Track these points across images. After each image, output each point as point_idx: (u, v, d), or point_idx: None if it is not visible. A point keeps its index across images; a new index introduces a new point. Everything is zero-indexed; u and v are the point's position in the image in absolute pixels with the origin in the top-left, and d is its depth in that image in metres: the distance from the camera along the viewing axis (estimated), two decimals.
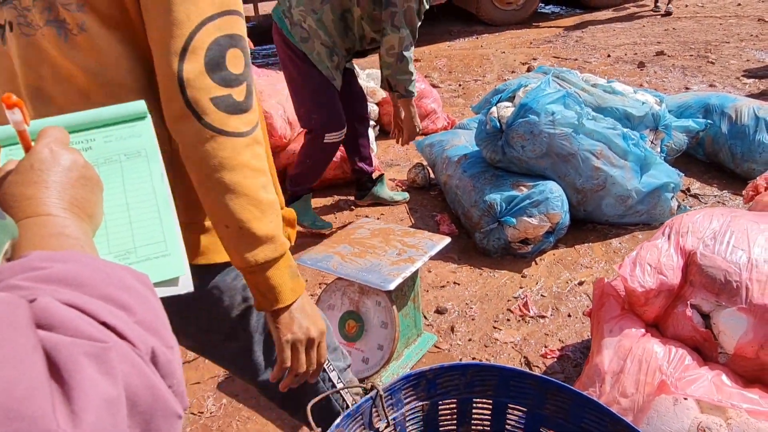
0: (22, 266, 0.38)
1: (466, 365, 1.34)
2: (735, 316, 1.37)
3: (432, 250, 1.92)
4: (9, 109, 0.54)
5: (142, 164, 0.68)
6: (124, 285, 0.42)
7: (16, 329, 0.31)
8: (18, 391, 0.28)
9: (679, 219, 1.57)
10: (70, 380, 0.31)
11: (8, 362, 0.29)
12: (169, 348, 0.41)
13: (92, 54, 0.81)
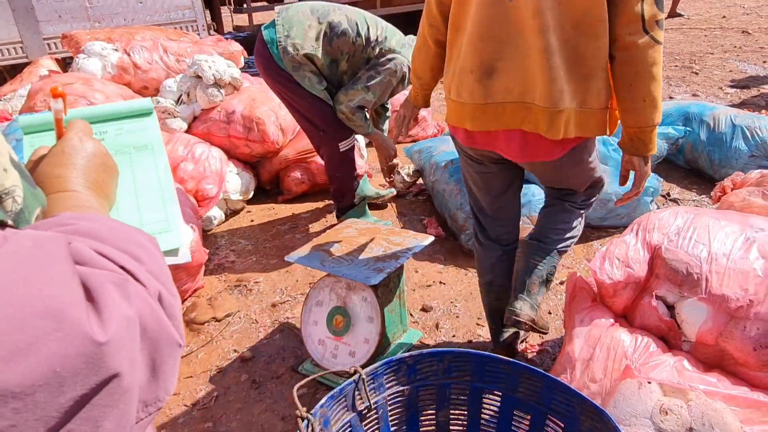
0: (55, 222, 0.48)
1: (443, 351, 1.42)
2: (696, 305, 1.46)
3: (416, 247, 2.01)
4: (54, 98, 0.65)
5: (148, 157, 0.80)
6: (137, 242, 0.51)
7: (60, 258, 0.40)
8: (63, 301, 0.37)
9: (646, 217, 1.66)
10: (99, 299, 0.40)
11: (55, 280, 0.38)
12: (172, 295, 0.50)
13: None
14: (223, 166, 3.20)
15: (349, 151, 2.79)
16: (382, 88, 2.60)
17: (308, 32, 2.55)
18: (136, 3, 5.63)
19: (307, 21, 2.56)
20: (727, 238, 1.51)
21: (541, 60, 1.34)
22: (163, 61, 3.67)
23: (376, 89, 2.59)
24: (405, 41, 2.70)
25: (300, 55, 2.53)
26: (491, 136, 1.50)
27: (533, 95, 1.39)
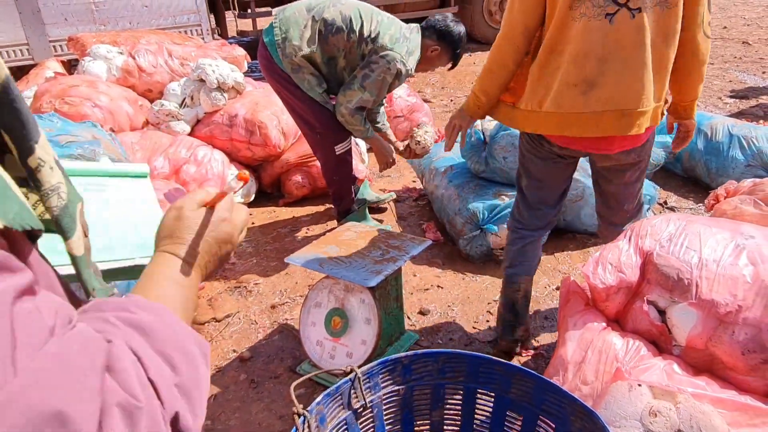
0: (121, 306, 0.50)
1: (438, 352, 1.45)
2: (686, 310, 1.49)
3: (414, 250, 2.04)
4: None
5: (147, 208, 0.98)
6: (184, 349, 0.51)
7: (94, 370, 0.41)
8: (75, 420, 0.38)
9: (639, 223, 1.69)
10: (103, 423, 0.41)
11: (76, 397, 0.39)
12: (194, 415, 0.49)
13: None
14: (224, 169, 3.24)
15: (346, 154, 2.82)
16: (377, 86, 2.58)
17: (304, 33, 2.55)
18: (141, 7, 5.68)
19: (303, 21, 2.56)
20: (717, 244, 1.54)
21: (639, 72, 1.60)
22: (167, 64, 3.71)
23: (372, 88, 2.57)
24: (399, 35, 2.61)
25: (298, 57, 2.55)
26: (589, 139, 1.72)
27: (628, 102, 1.63)
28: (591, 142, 1.74)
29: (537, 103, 1.72)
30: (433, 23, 2.72)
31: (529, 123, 1.78)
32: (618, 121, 1.66)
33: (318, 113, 2.69)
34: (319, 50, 2.56)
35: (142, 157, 3.03)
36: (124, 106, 3.32)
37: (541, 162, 1.90)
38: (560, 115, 1.69)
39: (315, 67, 2.61)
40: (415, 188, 3.63)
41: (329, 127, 2.72)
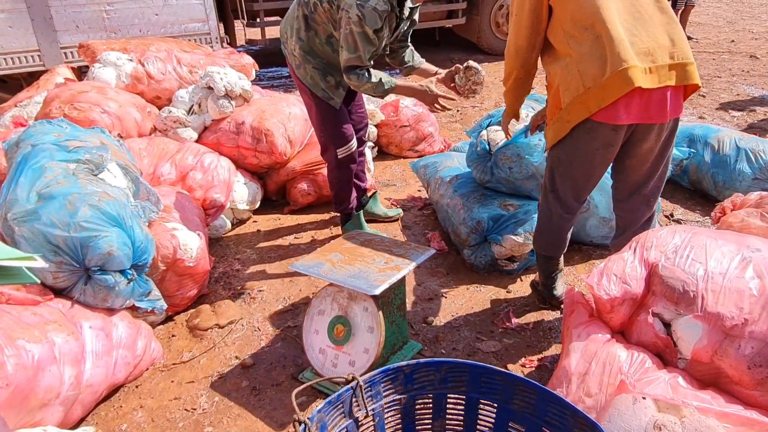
0: None
1: (440, 362, 1.44)
2: (691, 323, 1.48)
3: (417, 259, 2.04)
4: None
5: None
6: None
7: None
8: None
9: (645, 234, 1.69)
10: None
11: None
12: None
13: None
14: (231, 176, 3.25)
15: (346, 159, 2.82)
16: (349, 41, 2.39)
17: (295, 25, 2.57)
18: (152, 15, 5.74)
19: (293, 15, 2.59)
20: (723, 257, 1.53)
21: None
22: (176, 71, 3.74)
23: (347, 44, 2.40)
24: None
25: (297, 51, 2.58)
26: (649, 104, 1.80)
27: (680, 54, 1.79)
28: (649, 111, 1.82)
29: (595, 76, 1.79)
30: None
31: (594, 99, 1.81)
32: (680, 72, 1.79)
33: (323, 115, 2.70)
34: (314, 33, 2.55)
35: (149, 162, 3.05)
36: (133, 112, 3.34)
37: (593, 154, 1.95)
38: (623, 72, 1.74)
39: (321, 56, 2.59)
40: (420, 197, 3.63)
41: (332, 130, 2.74)
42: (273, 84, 6.76)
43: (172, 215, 2.54)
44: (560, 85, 1.90)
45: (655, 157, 1.98)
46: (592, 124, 1.86)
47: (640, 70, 1.74)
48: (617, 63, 1.74)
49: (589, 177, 2.05)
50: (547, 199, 2.20)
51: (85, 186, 2.08)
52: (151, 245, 2.19)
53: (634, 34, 1.79)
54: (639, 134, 1.91)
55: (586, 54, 1.82)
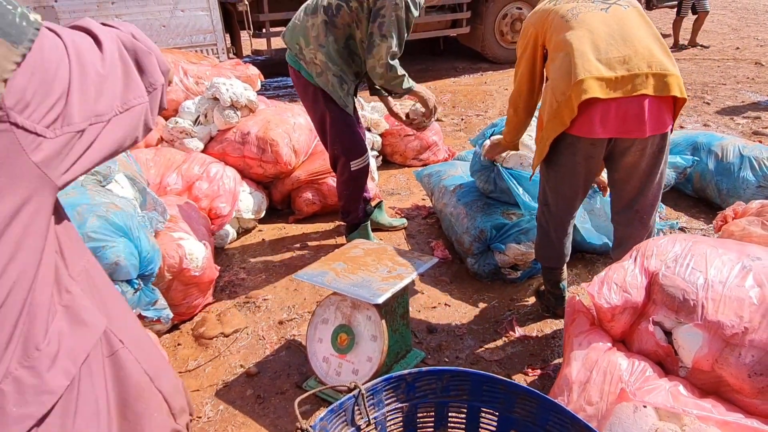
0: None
1: (442, 370, 1.46)
2: (692, 331, 1.48)
3: (420, 268, 2.05)
4: None
5: None
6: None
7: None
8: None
9: (645, 243, 1.70)
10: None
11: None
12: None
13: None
14: (236, 186, 3.29)
15: (361, 171, 2.85)
16: (396, 27, 2.52)
17: (312, 33, 2.58)
18: (159, 26, 5.81)
19: (307, 25, 2.60)
20: (723, 266, 1.54)
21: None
22: (182, 83, 3.79)
23: (392, 31, 2.51)
24: None
25: (318, 58, 2.59)
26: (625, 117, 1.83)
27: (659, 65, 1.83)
28: (627, 125, 1.84)
29: (578, 95, 1.82)
30: None
31: (566, 112, 1.85)
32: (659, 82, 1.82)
33: (340, 125, 2.72)
34: (333, 38, 2.59)
35: (155, 173, 3.09)
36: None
37: (575, 167, 1.99)
38: (578, 84, 1.80)
39: (338, 63, 2.62)
40: (425, 206, 3.65)
41: (349, 141, 2.76)
42: (278, 94, 6.81)
43: (179, 225, 2.57)
44: (541, 110, 1.97)
45: (642, 173, 1.98)
46: (571, 138, 1.90)
47: (597, 81, 1.79)
48: (576, 75, 1.81)
49: (575, 190, 2.09)
50: (542, 212, 2.24)
51: (93, 197, 2.11)
52: (158, 255, 2.22)
53: (610, 44, 1.84)
54: (620, 148, 1.93)
55: (557, 71, 1.89)
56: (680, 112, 1.91)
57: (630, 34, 1.89)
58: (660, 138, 1.91)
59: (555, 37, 1.96)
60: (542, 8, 2.09)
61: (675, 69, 1.86)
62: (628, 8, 1.97)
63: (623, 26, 1.90)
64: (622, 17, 1.93)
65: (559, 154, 1.99)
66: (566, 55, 1.88)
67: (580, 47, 1.86)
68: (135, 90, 0.82)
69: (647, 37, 1.90)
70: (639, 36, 1.89)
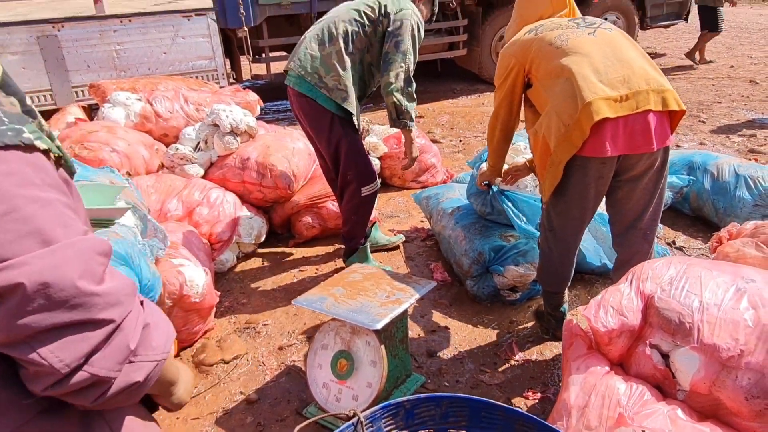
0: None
1: (440, 396, 1.46)
2: (688, 354, 1.49)
3: (419, 292, 2.07)
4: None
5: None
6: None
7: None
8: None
9: (640, 266, 1.71)
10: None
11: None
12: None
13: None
14: (236, 211, 3.31)
15: (370, 196, 2.87)
16: (413, 45, 2.65)
17: (331, 62, 2.64)
18: (160, 53, 5.90)
19: (322, 53, 2.65)
20: (718, 288, 1.55)
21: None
22: (183, 110, 3.84)
23: (409, 49, 2.63)
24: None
25: (344, 84, 2.65)
26: (633, 133, 1.88)
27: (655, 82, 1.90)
28: (635, 140, 1.89)
29: (570, 114, 1.88)
30: None
31: (576, 134, 1.88)
32: (658, 98, 1.88)
33: (355, 150, 2.77)
34: (350, 63, 2.67)
35: (156, 199, 3.12)
36: (141, 150, 3.43)
37: (587, 189, 2.01)
38: (587, 107, 1.84)
39: (353, 84, 2.70)
40: (424, 228, 3.67)
41: (363, 166, 2.81)
42: (278, 117, 6.88)
43: (179, 251, 2.59)
44: (545, 134, 1.98)
45: (647, 189, 2.03)
46: (582, 160, 1.91)
47: (605, 101, 1.84)
48: (583, 98, 1.85)
49: (585, 212, 2.10)
50: (546, 237, 2.24)
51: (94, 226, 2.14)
52: (158, 282, 2.23)
53: (608, 65, 1.91)
54: (627, 164, 1.97)
55: (559, 96, 1.93)
56: (677, 131, 1.96)
57: (622, 54, 1.96)
58: (663, 151, 1.98)
59: (546, 64, 2.01)
60: (522, 39, 2.16)
61: (669, 84, 1.94)
62: (612, 31, 2.06)
63: (614, 48, 1.98)
64: (611, 40, 2.01)
65: (568, 177, 2.00)
66: (567, 80, 1.92)
67: (581, 71, 1.90)
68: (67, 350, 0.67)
69: (638, 57, 1.98)
70: (631, 56, 1.96)
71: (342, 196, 2.95)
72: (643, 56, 2.00)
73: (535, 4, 2.29)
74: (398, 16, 2.64)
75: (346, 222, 2.99)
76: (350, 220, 2.96)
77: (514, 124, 2.33)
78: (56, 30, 5.37)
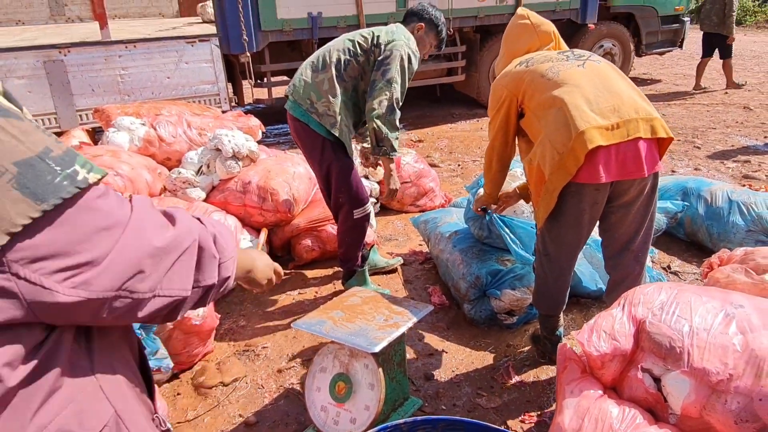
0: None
1: (437, 419, 1.49)
2: (679, 378, 1.52)
3: (416, 316, 2.10)
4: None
5: None
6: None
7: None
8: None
9: (632, 291, 1.75)
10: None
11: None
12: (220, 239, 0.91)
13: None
14: (237, 234, 3.36)
15: (363, 219, 2.93)
16: (400, 75, 2.70)
17: (323, 88, 2.73)
18: (164, 78, 6.01)
19: (317, 81, 2.74)
20: (708, 313, 1.59)
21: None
22: (186, 134, 3.91)
23: (396, 78, 2.68)
24: (391, 29, 2.82)
25: (332, 110, 2.72)
26: (625, 160, 1.96)
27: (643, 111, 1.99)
28: (627, 167, 1.96)
29: (564, 142, 1.95)
30: (409, 10, 3.00)
31: (570, 161, 1.95)
32: (647, 126, 1.96)
33: (345, 173, 2.83)
34: (342, 90, 2.75)
35: None
36: (144, 174, 3.49)
37: (581, 215, 2.08)
38: (581, 136, 1.92)
39: (345, 110, 2.77)
40: (422, 251, 3.71)
41: (355, 189, 2.87)
42: (279, 141, 6.97)
43: None
44: (539, 163, 2.05)
45: (639, 212, 2.09)
46: (576, 186, 1.97)
47: (597, 130, 1.92)
48: (576, 127, 1.93)
49: (579, 237, 2.16)
50: (541, 262, 2.29)
51: None
52: None
53: (598, 95, 1.99)
54: (620, 190, 2.04)
55: (552, 125, 2.00)
56: (672, 156, 2.04)
57: (612, 85, 2.05)
58: (653, 177, 2.06)
59: (539, 95, 2.08)
60: (513, 71, 2.26)
61: (657, 113, 2.03)
62: (600, 63, 2.16)
63: (603, 79, 2.07)
64: (599, 71, 2.10)
65: (562, 204, 2.07)
66: (559, 109, 2.00)
67: (573, 101, 1.98)
68: (179, 282, 0.81)
69: (626, 87, 2.07)
70: (619, 86, 2.06)
71: (336, 217, 3.01)
72: (631, 86, 2.08)
73: (523, 39, 2.39)
74: (389, 46, 2.73)
75: (341, 243, 3.05)
76: (344, 242, 3.01)
77: (510, 153, 2.41)
78: (63, 55, 5.48)
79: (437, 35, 3.03)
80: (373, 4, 6.52)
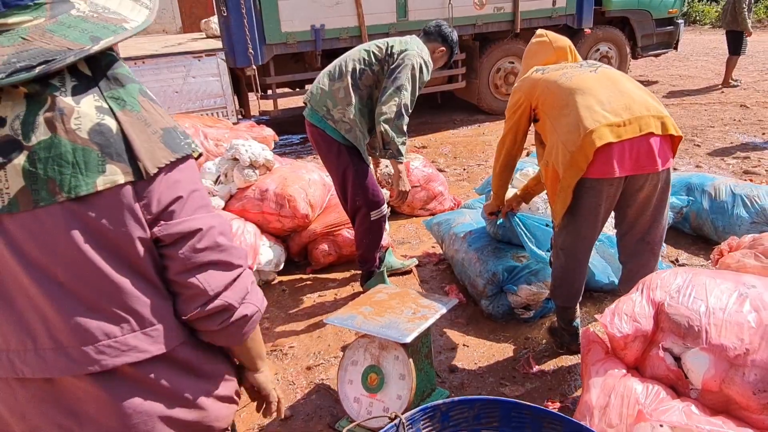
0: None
1: (473, 399, 1.59)
2: (698, 355, 1.63)
3: (443, 308, 2.20)
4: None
5: None
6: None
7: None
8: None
9: (650, 277, 1.86)
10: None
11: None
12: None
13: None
14: (256, 240, 3.46)
15: (379, 220, 3.03)
16: (410, 82, 2.82)
17: (339, 96, 2.85)
18: (172, 93, 6.14)
19: (333, 89, 2.87)
20: (722, 294, 1.70)
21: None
22: (203, 145, 4.03)
23: (406, 85, 2.80)
24: (405, 39, 2.95)
25: (348, 117, 2.85)
26: (639, 155, 2.06)
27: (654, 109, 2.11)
28: (641, 162, 2.07)
29: (574, 141, 2.07)
30: (436, 28, 3.09)
31: (581, 159, 2.06)
32: (658, 123, 2.07)
33: (361, 177, 2.94)
34: (357, 98, 2.87)
35: None
36: None
37: (596, 209, 2.18)
38: (589, 134, 2.04)
39: (360, 117, 2.89)
40: (435, 253, 3.81)
41: (370, 193, 2.98)
42: (285, 151, 7.08)
43: None
44: (554, 163, 2.18)
45: (654, 206, 2.19)
46: (590, 182, 2.09)
47: (608, 127, 2.03)
48: (585, 127, 2.05)
49: (594, 230, 2.27)
50: (558, 256, 2.39)
51: None
52: None
53: (611, 97, 2.12)
54: (634, 184, 2.15)
55: (564, 127, 2.13)
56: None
57: (623, 87, 2.18)
58: (666, 172, 2.17)
59: (552, 99, 2.23)
60: (530, 77, 2.41)
61: (667, 112, 2.15)
62: (611, 70, 2.32)
63: (615, 82, 2.20)
64: (611, 76, 2.23)
65: (579, 199, 2.18)
66: (571, 111, 2.14)
67: (584, 102, 2.12)
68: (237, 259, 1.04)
69: (637, 88, 2.20)
70: (631, 88, 2.19)
71: (354, 220, 3.12)
72: (642, 89, 2.21)
73: (541, 54, 2.55)
74: (402, 55, 2.86)
75: (359, 245, 3.15)
76: (363, 243, 3.12)
77: (517, 152, 2.57)
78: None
79: (450, 57, 3.20)
80: (374, 15, 6.66)
